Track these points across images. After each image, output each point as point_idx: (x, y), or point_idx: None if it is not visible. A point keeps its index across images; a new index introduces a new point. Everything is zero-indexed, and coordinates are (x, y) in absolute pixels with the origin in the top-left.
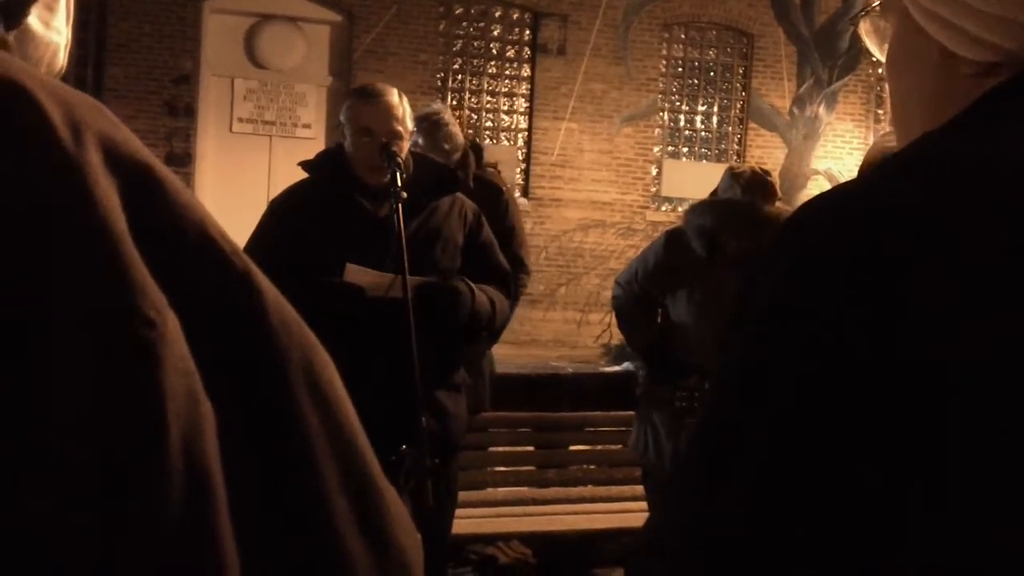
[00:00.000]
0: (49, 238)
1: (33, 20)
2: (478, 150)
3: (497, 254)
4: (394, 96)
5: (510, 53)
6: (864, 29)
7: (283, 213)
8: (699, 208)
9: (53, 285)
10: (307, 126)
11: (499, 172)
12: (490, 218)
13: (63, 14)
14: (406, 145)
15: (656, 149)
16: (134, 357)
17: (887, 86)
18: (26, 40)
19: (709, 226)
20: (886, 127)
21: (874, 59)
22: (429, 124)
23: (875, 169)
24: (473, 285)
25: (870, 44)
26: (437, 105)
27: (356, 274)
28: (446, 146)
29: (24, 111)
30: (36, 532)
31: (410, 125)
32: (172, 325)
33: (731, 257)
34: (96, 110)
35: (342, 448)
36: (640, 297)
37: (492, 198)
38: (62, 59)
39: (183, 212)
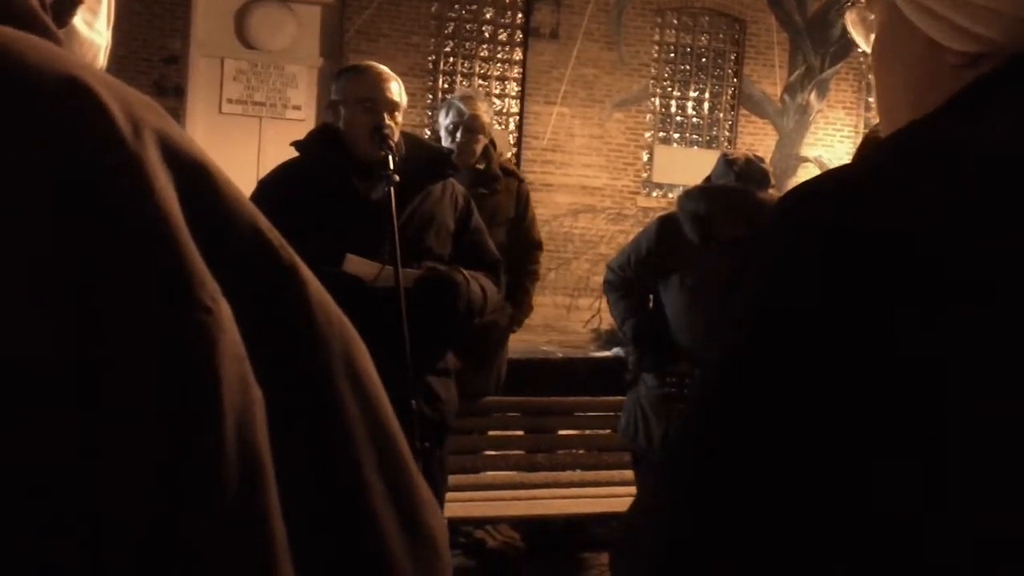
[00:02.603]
0: (114, 229)
1: (78, 21)
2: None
3: (487, 241)
4: (387, 70)
5: (502, 36)
6: (851, 20)
7: (273, 193)
8: (693, 194)
9: (118, 273)
10: (297, 107)
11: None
12: (516, 205)
13: (104, 17)
14: (399, 124)
15: (647, 135)
16: (193, 341)
17: (873, 76)
18: (71, 40)
19: (703, 212)
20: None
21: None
22: (466, 97)
23: (863, 156)
24: (468, 275)
25: (856, 35)
26: (468, 91)
27: (357, 265)
28: (480, 136)
29: (88, 108)
30: (103, 507)
31: (404, 102)
32: (226, 313)
33: (723, 244)
34: (151, 107)
35: (378, 434)
36: (632, 283)
37: (515, 186)
38: (102, 60)
39: (234, 206)
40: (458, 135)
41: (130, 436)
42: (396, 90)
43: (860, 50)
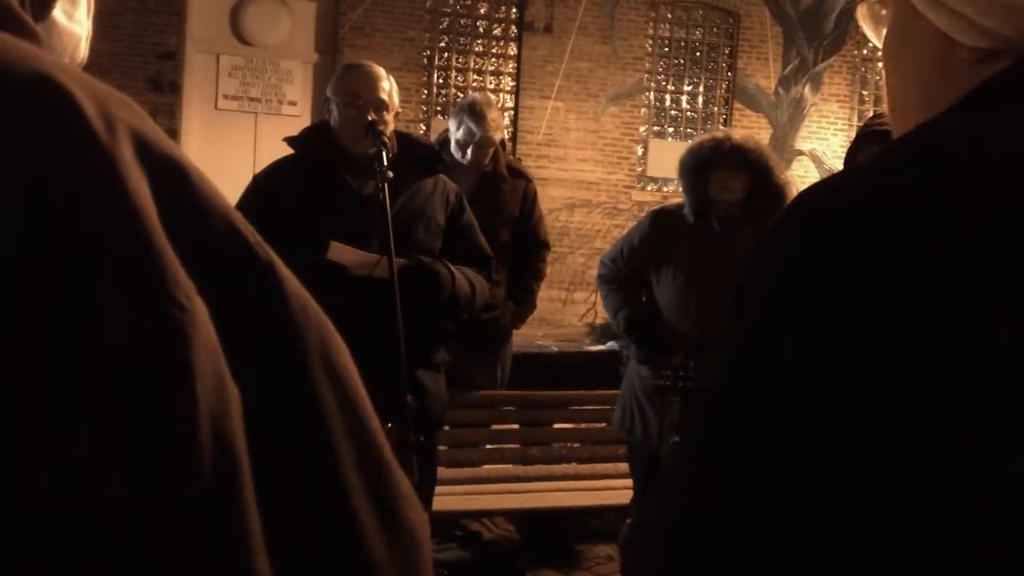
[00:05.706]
0: (87, 226)
1: (58, 13)
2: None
3: (478, 237)
4: (381, 70)
5: (496, 31)
6: (861, 14)
7: (266, 188)
8: (693, 148)
9: (91, 271)
10: (293, 103)
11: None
12: (522, 204)
13: (84, 7)
14: (391, 123)
15: (642, 129)
16: (166, 338)
17: (884, 72)
18: (51, 32)
19: (706, 157)
20: (872, 109)
21: (860, 40)
22: (477, 112)
23: (878, 156)
24: (453, 268)
25: (867, 30)
26: (477, 99)
27: (339, 252)
28: (495, 134)
29: (60, 105)
30: (77, 501)
31: (396, 102)
32: (200, 310)
33: (720, 219)
34: (125, 104)
35: (356, 429)
36: (626, 275)
37: (522, 186)
38: (83, 51)
39: (209, 203)
40: (469, 152)
41: (102, 432)
42: (386, 88)
43: (854, 42)
